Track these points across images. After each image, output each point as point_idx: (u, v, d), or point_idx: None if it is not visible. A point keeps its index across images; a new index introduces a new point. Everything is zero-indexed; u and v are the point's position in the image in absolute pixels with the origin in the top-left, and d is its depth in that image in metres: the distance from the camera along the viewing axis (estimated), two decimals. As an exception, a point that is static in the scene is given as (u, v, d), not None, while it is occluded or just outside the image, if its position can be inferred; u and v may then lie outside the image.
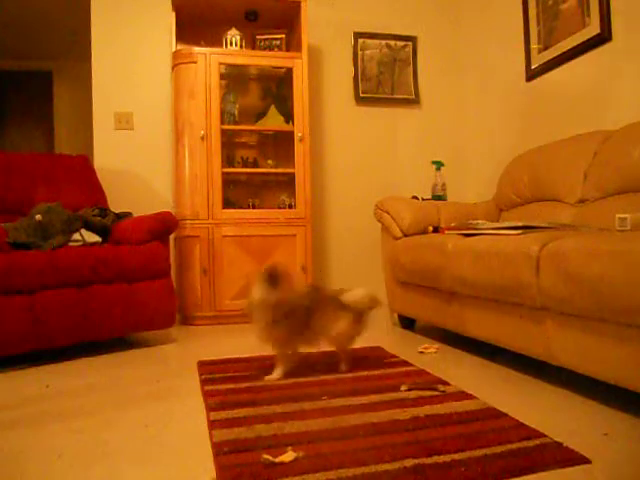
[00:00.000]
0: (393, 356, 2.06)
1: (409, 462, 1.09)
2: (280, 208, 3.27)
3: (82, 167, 3.00)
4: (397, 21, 3.73)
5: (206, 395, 1.61)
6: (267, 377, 1.77)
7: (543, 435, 1.22)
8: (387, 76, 3.71)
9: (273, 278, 1.69)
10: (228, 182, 3.22)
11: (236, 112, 3.27)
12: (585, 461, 1.09)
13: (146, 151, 3.32)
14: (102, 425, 1.42)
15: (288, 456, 1.12)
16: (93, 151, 3.26)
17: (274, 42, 3.39)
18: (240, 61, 3.17)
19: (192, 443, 1.27)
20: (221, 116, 3.10)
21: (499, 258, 1.74)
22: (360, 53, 3.66)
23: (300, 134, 3.15)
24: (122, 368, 2.06)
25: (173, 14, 3.17)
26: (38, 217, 2.37)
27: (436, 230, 2.60)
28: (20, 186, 2.73)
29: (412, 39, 3.75)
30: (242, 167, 3.33)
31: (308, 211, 3.16)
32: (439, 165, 3.26)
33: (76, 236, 2.45)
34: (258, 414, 1.41)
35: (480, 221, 2.24)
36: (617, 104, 2.45)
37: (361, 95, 3.67)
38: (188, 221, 3.03)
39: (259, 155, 3.45)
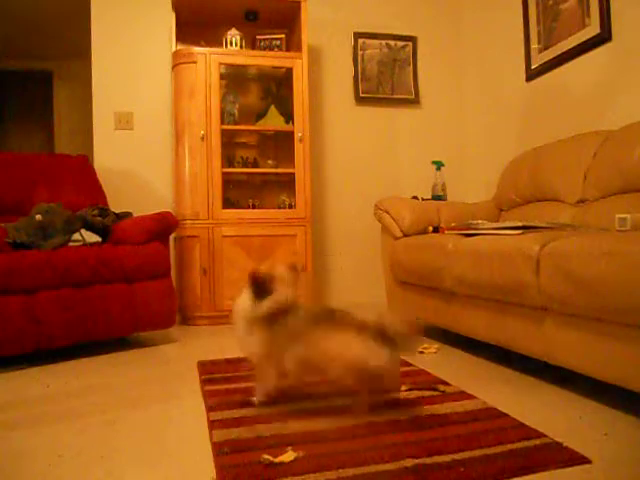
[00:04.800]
0: (393, 356, 2.06)
1: (409, 462, 1.09)
2: (280, 208, 3.27)
3: (82, 167, 2.99)
4: (397, 21, 3.73)
5: (206, 395, 1.61)
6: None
7: (543, 435, 1.22)
8: (387, 76, 3.71)
9: (259, 288, 1.42)
10: (228, 182, 3.22)
11: (236, 112, 3.27)
12: (585, 461, 1.09)
13: (146, 151, 3.32)
14: (102, 425, 1.42)
15: (288, 456, 1.12)
16: (93, 151, 3.26)
17: (274, 42, 3.39)
18: (240, 61, 3.17)
19: (192, 443, 1.27)
20: (221, 116, 3.10)
21: (499, 258, 1.74)
22: (360, 53, 3.66)
23: (300, 134, 3.15)
24: (122, 368, 2.06)
25: (173, 14, 3.17)
26: (38, 217, 2.37)
27: (436, 230, 2.60)
28: (20, 186, 2.72)
29: (412, 39, 3.75)
30: (242, 167, 3.33)
31: (308, 211, 3.16)
32: (439, 165, 3.26)
33: (76, 236, 2.44)
34: (258, 414, 1.41)
35: (480, 221, 2.24)
36: (617, 104, 2.45)
37: (361, 95, 3.67)
38: (188, 221, 3.03)
39: (259, 155, 3.45)
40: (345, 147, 3.68)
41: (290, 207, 3.24)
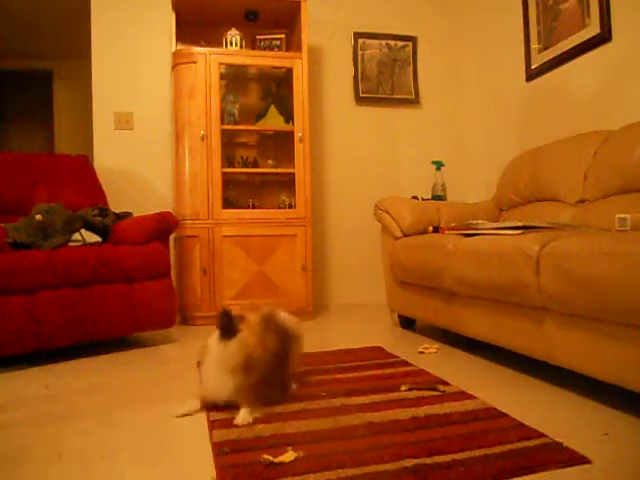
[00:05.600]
0: (393, 356, 2.06)
1: (409, 462, 1.09)
2: (280, 208, 3.27)
3: (82, 167, 2.99)
4: (397, 21, 3.73)
5: (206, 395, 1.61)
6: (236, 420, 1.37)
7: (543, 435, 1.22)
8: (387, 76, 3.71)
9: (226, 326, 1.43)
10: (228, 182, 3.22)
11: (236, 112, 3.27)
12: (585, 461, 1.09)
13: (146, 151, 3.32)
14: (102, 425, 1.42)
15: (288, 456, 1.12)
16: (93, 151, 3.26)
17: (274, 42, 3.39)
18: (240, 61, 3.17)
19: (192, 443, 1.27)
20: (221, 116, 3.10)
21: (499, 258, 1.74)
22: (360, 53, 3.66)
23: (300, 134, 3.15)
24: (122, 368, 2.06)
25: (173, 14, 3.18)
26: (38, 217, 2.37)
27: (436, 230, 2.60)
28: (20, 186, 2.72)
29: (412, 39, 3.75)
30: (242, 167, 3.33)
31: (308, 211, 3.16)
32: (439, 165, 3.26)
33: (76, 236, 2.44)
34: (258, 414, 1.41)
35: (480, 221, 2.24)
36: (617, 104, 2.45)
37: (361, 95, 3.67)
38: (188, 221, 3.03)
39: (259, 155, 3.45)
40: (345, 147, 3.68)
41: (290, 207, 3.24)
